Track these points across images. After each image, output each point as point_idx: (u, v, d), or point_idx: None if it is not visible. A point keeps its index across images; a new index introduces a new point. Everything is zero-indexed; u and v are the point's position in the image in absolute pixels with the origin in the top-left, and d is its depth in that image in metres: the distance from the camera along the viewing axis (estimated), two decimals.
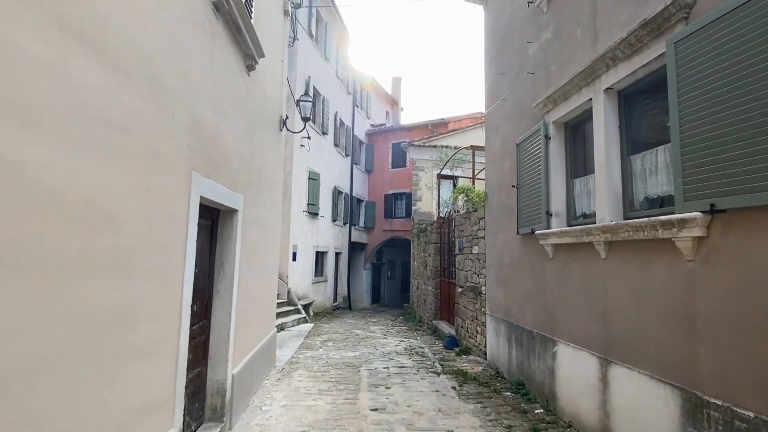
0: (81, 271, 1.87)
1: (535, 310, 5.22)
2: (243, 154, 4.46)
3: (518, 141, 5.74)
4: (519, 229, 5.61)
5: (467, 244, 8.01)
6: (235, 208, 4.21)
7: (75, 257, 1.83)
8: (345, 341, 9.07)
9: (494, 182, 6.76)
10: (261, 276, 5.62)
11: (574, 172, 4.82)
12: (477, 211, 7.47)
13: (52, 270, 1.70)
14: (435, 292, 10.75)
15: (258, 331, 5.53)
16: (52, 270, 1.69)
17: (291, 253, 12.16)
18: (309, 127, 13.17)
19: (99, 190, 1.99)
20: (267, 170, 5.71)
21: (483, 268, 7.12)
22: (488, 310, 6.83)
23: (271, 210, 6.12)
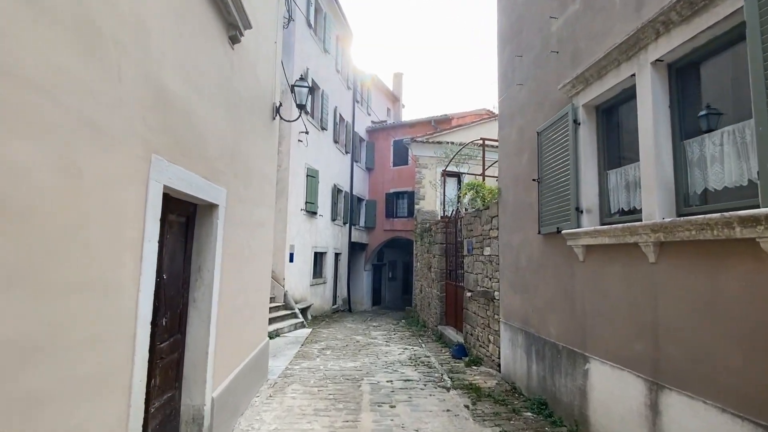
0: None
1: (561, 320, 4.59)
2: (225, 140, 3.83)
3: (539, 129, 5.11)
4: (541, 228, 4.98)
5: (477, 244, 7.38)
6: (214, 202, 3.58)
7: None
8: (345, 349, 8.44)
9: (509, 177, 6.13)
10: (250, 281, 4.99)
11: (608, 162, 4.19)
12: (489, 209, 6.84)
13: None
14: (440, 295, 10.12)
15: (246, 342, 4.90)
16: None
17: (288, 254, 11.53)
18: (307, 122, 12.58)
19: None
20: (257, 162, 5.08)
21: (496, 271, 6.49)
22: (503, 318, 6.20)
23: (262, 207, 5.49)
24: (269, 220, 6.00)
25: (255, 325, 5.29)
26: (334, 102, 15.44)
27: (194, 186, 3.11)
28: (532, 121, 5.44)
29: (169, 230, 3.12)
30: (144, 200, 2.39)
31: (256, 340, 5.41)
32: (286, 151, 11.63)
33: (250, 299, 4.97)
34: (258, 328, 5.49)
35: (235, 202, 4.18)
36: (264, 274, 5.84)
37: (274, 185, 6.19)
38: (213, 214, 3.63)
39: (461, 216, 9.03)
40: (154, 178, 2.47)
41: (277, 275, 11.32)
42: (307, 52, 12.75)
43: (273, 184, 6.13)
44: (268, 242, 5.95)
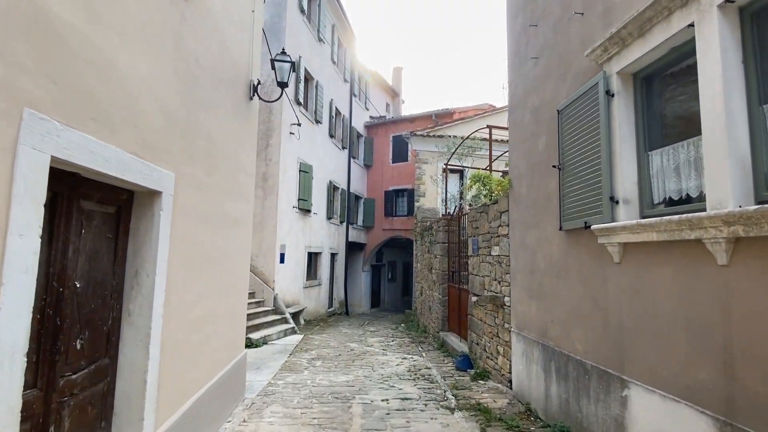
0: None
1: (590, 334, 3.80)
2: (173, 110, 3.05)
3: (560, 107, 4.32)
4: (563, 223, 4.20)
5: (484, 244, 6.59)
6: (155, 189, 2.80)
7: None
8: (337, 359, 7.65)
9: (522, 166, 5.35)
10: (218, 287, 4.21)
11: (649, 141, 3.40)
12: (497, 203, 6.06)
13: None
14: (442, 299, 9.33)
15: (212, 360, 4.11)
16: None
17: (278, 254, 10.75)
18: (300, 113, 11.81)
19: None
20: (226, 146, 4.30)
21: (506, 273, 5.70)
22: (515, 327, 5.41)
23: (237, 201, 4.71)
24: (247, 216, 5.22)
25: (226, 338, 4.50)
26: (330, 94, 14.66)
27: (117, 164, 2.33)
28: (550, 99, 4.65)
29: (84, 223, 2.35)
30: (8, 175, 1.61)
31: (228, 354, 4.63)
32: (277, 144, 10.86)
33: (217, 308, 4.18)
34: (230, 340, 4.71)
35: (191, 191, 3.40)
36: (240, 278, 5.06)
37: (252, 176, 5.41)
38: (155, 203, 2.85)
39: (465, 212, 8.26)
40: (28, 143, 1.69)
41: (267, 277, 10.55)
42: (299, 40, 11.97)
43: (251, 174, 5.35)
44: (245, 241, 5.17)
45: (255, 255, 10.69)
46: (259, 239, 10.70)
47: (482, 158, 11.41)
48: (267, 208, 10.74)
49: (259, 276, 10.56)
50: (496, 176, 6.63)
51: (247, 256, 5.35)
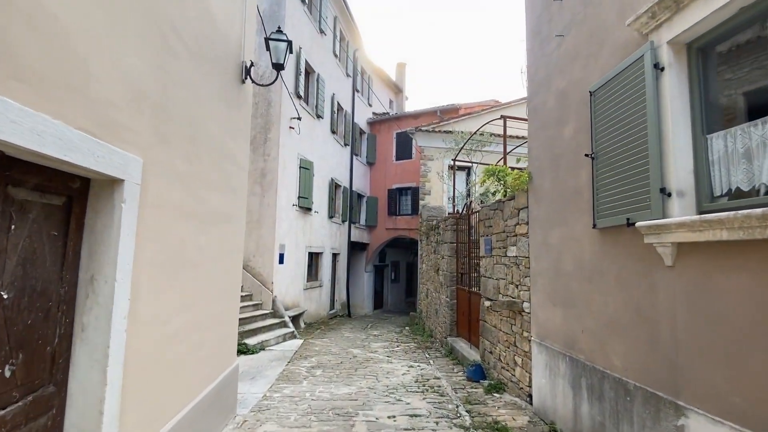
0: None
1: (632, 348, 3.27)
2: (140, 82, 2.53)
3: (593, 88, 3.79)
4: (597, 220, 3.67)
5: (498, 244, 6.06)
6: (116, 176, 2.28)
7: None
8: (339, 367, 7.13)
9: (545, 157, 4.82)
10: (205, 293, 3.70)
11: (708, 122, 2.87)
12: (514, 199, 5.53)
13: None
14: (450, 302, 8.80)
15: (197, 376, 3.60)
16: None
17: (277, 254, 10.24)
18: (300, 107, 11.29)
19: None
20: (213, 132, 3.78)
21: (525, 276, 5.17)
22: (536, 337, 4.88)
23: (226, 195, 4.20)
24: (239, 213, 4.71)
25: (213, 350, 3.99)
26: (331, 89, 14.14)
27: (57, 141, 1.81)
28: (579, 79, 4.12)
29: (15, 216, 1.84)
30: None
31: (216, 368, 4.11)
32: (275, 138, 10.35)
33: (203, 317, 3.67)
34: (219, 352, 4.20)
35: (166, 181, 2.89)
36: (231, 282, 4.54)
37: (245, 168, 4.89)
38: (115, 194, 2.33)
39: (476, 210, 7.73)
40: None
41: (265, 279, 10.04)
42: (299, 30, 11.45)
43: (243, 166, 4.83)
44: (237, 241, 4.66)
45: (252, 255, 10.19)
46: (256, 239, 10.20)
47: (492, 154, 10.88)
48: (265, 206, 10.24)
49: (256, 277, 10.05)
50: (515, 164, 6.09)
51: (239, 257, 4.84)
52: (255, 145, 10.48)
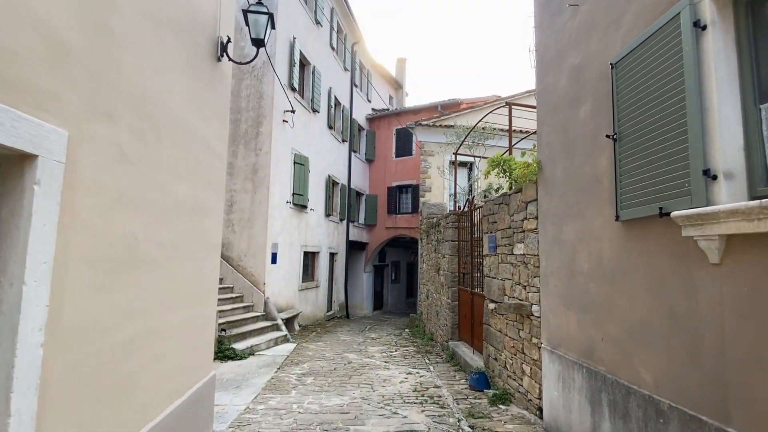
0: None
1: (666, 361, 2.77)
2: (63, 35, 2.04)
3: (615, 59, 3.29)
4: (621, 211, 3.17)
5: (503, 241, 5.56)
6: (26, 150, 1.79)
7: None
8: (332, 374, 6.64)
9: (557, 143, 4.32)
10: (167, 297, 3.21)
11: (762, 91, 2.37)
12: (522, 191, 5.03)
13: None
14: (452, 304, 8.30)
15: (157, 393, 3.11)
16: None
17: (269, 253, 9.75)
18: (294, 100, 10.82)
19: None
20: (176, 110, 3.29)
21: (534, 276, 4.67)
22: (546, 344, 4.38)
23: (196, 185, 3.72)
24: (214, 206, 4.22)
25: (180, 361, 3.50)
26: (328, 82, 13.65)
27: None
28: (597, 52, 3.62)
29: None
30: None
31: (185, 381, 3.62)
32: (267, 132, 9.86)
33: (164, 324, 3.18)
34: (189, 363, 3.71)
35: (107, 162, 2.40)
36: (203, 284, 4.05)
37: (222, 157, 4.40)
38: (25, 173, 1.84)
39: (478, 206, 7.23)
40: None
41: (256, 279, 9.56)
42: (293, 19, 10.98)
43: (220, 155, 4.35)
44: (212, 237, 4.17)
45: (244, 255, 9.71)
46: (247, 237, 9.72)
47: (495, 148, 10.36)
48: (257, 203, 9.75)
49: (247, 278, 9.57)
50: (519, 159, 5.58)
51: (215, 256, 4.34)
52: (246, 140, 10.01)
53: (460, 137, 10.31)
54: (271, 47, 9.90)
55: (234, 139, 10.12)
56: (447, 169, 12.85)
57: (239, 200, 9.91)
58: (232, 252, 9.80)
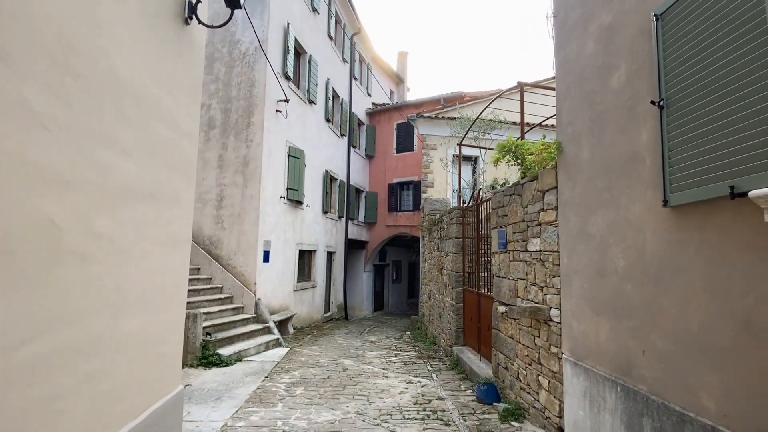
0: None
1: (740, 384, 2.15)
2: None
3: (661, 9, 2.67)
4: (669, 194, 2.55)
5: (516, 236, 4.95)
6: None
7: None
8: (324, 384, 6.03)
9: (581, 119, 3.70)
10: (111, 300, 2.62)
11: None
12: (537, 179, 4.42)
13: None
14: (456, 306, 7.69)
15: (98, 419, 2.51)
16: None
17: (261, 251, 9.16)
18: (289, 89, 10.22)
19: None
20: (123, 72, 2.69)
21: (553, 276, 4.06)
22: (569, 354, 3.76)
23: (153, 165, 3.12)
24: (182, 194, 3.62)
25: (133, 378, 2.91)
26: (326, 73, 13.05)
27: None
28: (635, 5, 3.00)
29: None
30: None
31: (141, 401, 3.03)
32: (259, 122, 9.27)
33: (106, 334, 2.58)
34: (146, 379, 3.11)
35: (5, 121, 1.80)
36: (169, 285, 3.46)
37: (192, 137, 3.80)
38: None
39: (486, 199, 6.62)
40: None
41: (247, 279, 8.96)
42: (287, 4, 10.39)
43: (189, 135, 3.75)
44: (178, 229, 3.57)
45: (233, 253, 9.12)
46: (237, 234, 9.13)
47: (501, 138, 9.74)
48: (248, 198, 9.16)
49: (237, 278, 8.97)
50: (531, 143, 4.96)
51: (183, 252, 3.74)
52: (237, 130, 9.42)
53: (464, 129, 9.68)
54: (263, 32, 9.32)
55: (224, 129, 9.54)
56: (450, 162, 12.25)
57: (229, 194, 9.31)
58: (222, 250, 9.20)
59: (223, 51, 9.81)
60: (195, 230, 9.44)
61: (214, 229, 9.34)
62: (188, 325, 6.76)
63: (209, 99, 9.75)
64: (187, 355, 6.72)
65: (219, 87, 9.72)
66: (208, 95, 9.76)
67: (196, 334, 6.79)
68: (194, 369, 6.51)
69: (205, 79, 9.84)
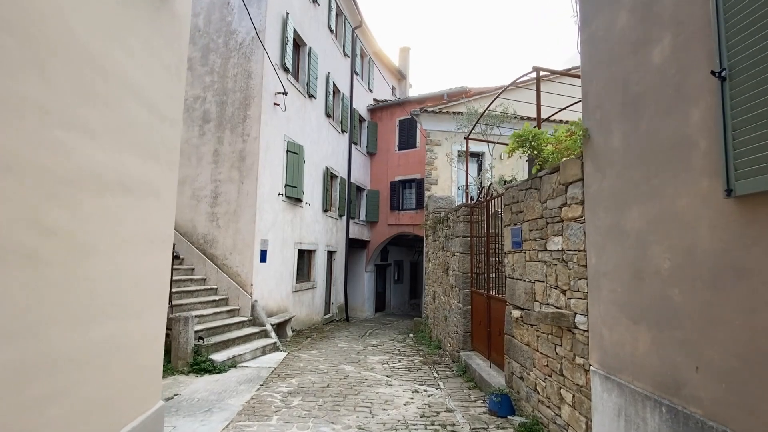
0: None
1: None
2: None
3: None
4: (734, 181, 2.14)
5: (533, 234, 4.54)
6: None
7: None
8: (323, 393, 5.62)
9: (612, 102, 3.29)
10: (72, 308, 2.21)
11: None
12: (559, 172, 4.00)
13: None
14: (463, 308, 7.28)
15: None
16: None
17: (257, 251, 8.75)
18: (287, 82, 9.82)
19: None
20: (81, 37, 2.29)
21: (578, 278, 3.64)
22: (599, 366, 3.35)
23: (124, 150, 2.72)
24: (158, 184, 3.21)
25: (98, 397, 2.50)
26: (326, 66, 12.64)
27: None
28: None
29: None
30: None
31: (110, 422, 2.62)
32: (256, 116, 8.86)
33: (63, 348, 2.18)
34: (116, 397, 2.71)
35: None
36: (144, 288, 3.06)
37: (174, 122, 3.41)
38: None
39: (497, 195, 6.21)
40: None
41: (243, 280, 8.56)
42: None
43: (171, 118, 3.35)
44: (155, 225, 3.17)
45: (229, 252, 8.71)
46: (233, 233, 8.73)
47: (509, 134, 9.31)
48: (244, 194, 8.75)
49: (233, 278, 8.57)
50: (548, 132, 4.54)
51: (163, 251, 3.33)
52: (233, 124, 9.01)
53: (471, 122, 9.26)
54: (261, 21, 8.91)
55: (219, 123, 9.13)
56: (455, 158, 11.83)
57: (225, 191, 8.91)
58: (217, 249, 8.80)
59: (219, 41, 9.40)
60: (189, 229, 9.04)
61: (208, 227, 8.94)
62: (179, 330, 6.36)
63: (204, 91, 9.35)
64: (178, 361, 6.32)
65: (214, 79, 9.32)
66: (203, 87, 9.36)
67: (187, 338, 6.39)
68: (185, 376, 6.10)
69: (200, 70, 9.45)
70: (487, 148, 9.02)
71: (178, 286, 7.78)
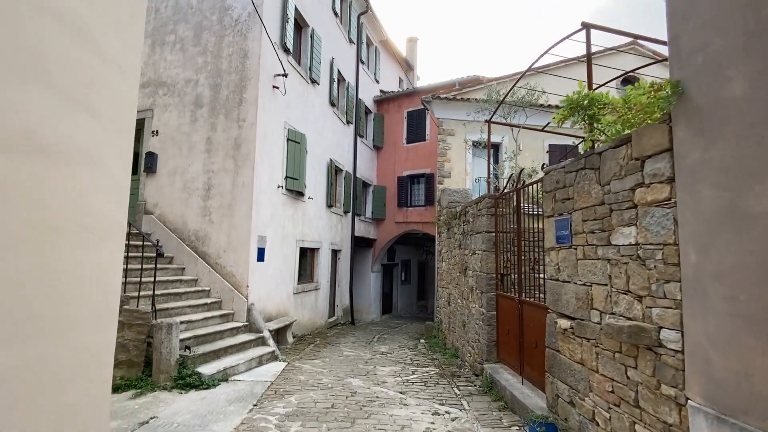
0: None
1: None
2: None
3: None
4: None
5: (590, 225, 3.64)
6: None
7: None
8: (327, 416, 4.75)
9: (726, 39, 2.38)
10: None
11: None
12: (629, 144, 3.10)
13: None
14: (487, 314, 6.38)
15: None
16: None
17: (254, 248, 7.89)
18: (288, 65, 8.96)
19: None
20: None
21: (665, 281, 2.74)
22: (704, 401, 2.45)
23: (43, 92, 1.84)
24: (97, 149, 2.36)
25: None
26: (330, 51, 11.78)
27: None
28: None
29: None
30: None
31: None
32: (253, 99, 8.00)
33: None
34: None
35: None
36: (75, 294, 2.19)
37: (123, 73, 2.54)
38: None
39: (532, 182, 5.32)
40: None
41: (238, 281, 7.70)
42: None
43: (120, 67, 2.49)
44: (93, 208, 2.31)
45: (222, 250, 7.86)
46: (228, 228, 7.88)
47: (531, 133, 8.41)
48: (239, 186, 7.90)
49: (227, 279, 7.72)
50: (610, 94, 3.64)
51: (111, 241, 2.46)
52: (227, 108, 8.17)
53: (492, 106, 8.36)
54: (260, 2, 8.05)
55: (213, 108, 8.29)
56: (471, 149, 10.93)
57: (218, 182, 8.06)
58: (209, 247, 7.95)
59: (213, 19, 8.55)
60: (180, 225, 8.21)
61: (200, 222, 8.09)
62: (161, 338, 5.52)
63: (196, 74, 8.51)
64: (160, 375, 5.47)
65: (208, 59, 8.47)
66: (195, 69, 8.52)
67: (170, 348, 5.54)
68: (167, 393, 5.25)
69: (192, 51, 8.61)
70: (510, 133, 8.11)
71: (165, 287, 6.94)
